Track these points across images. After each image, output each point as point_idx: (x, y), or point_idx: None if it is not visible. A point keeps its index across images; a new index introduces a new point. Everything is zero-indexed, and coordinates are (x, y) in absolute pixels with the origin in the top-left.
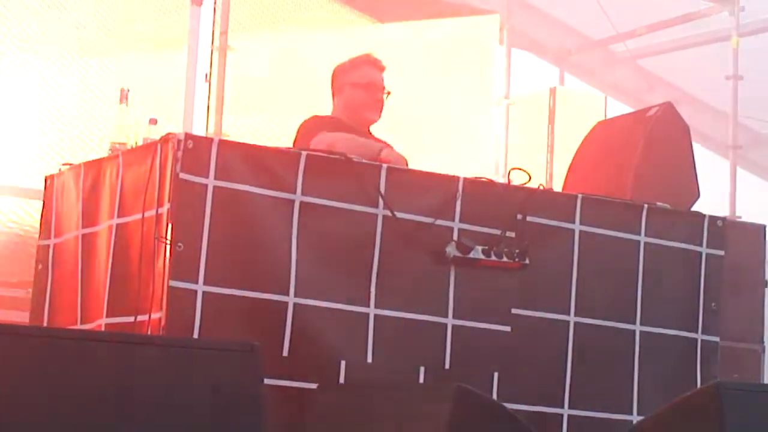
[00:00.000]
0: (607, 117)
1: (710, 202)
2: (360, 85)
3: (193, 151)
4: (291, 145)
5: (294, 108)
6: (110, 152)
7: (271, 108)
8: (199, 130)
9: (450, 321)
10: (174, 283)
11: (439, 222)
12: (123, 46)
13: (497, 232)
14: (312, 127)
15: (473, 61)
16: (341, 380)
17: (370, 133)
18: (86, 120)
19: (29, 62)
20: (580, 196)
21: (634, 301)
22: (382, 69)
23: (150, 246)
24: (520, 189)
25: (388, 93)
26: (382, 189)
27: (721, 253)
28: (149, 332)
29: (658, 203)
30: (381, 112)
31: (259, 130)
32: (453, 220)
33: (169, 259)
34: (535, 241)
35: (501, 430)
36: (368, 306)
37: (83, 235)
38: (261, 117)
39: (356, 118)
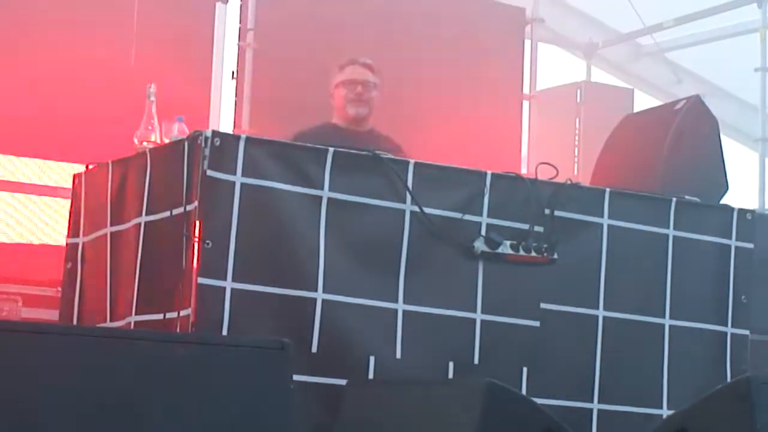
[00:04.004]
0: (635, 111)
1: (739, 195)
2: (342, 84)
3: (220, 148)
4: None
5: (321, 105)
6: (138, 150)
7: (297, 105)
8: (226, 128)
9: (479, 316)
10: (202, 281)
11: (467, 217)
12: (149, 43)
13: (525, 226)
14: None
15: (500, 55)
16: (370, 376)
17: (371, 132)
18: (113, 118)
19: (54, 60)
20: (608, 190)
21: (664, 295)
22: (367, 66)
23: (178, 244)
24: (548, 183)
25: (375, 85)
26: (410, 184)
27: (751, 245)
28: (178, 329)
29: (687, 197)
30: (366, 105)
31: (285, 126)
32: (481, 215)
33: (198, 257)
34: (564, 235)
35: (531, 425)
36: (397, 302)
37: (112, 233)
38: (288, 114)
39: (344, 117)
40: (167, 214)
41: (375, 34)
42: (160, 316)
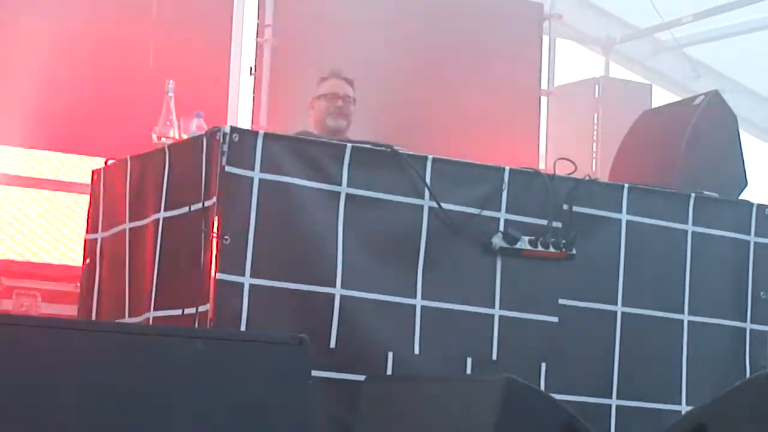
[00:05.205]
0: (654, 106)
1: (758, 190)
2: (322, 97)
3: (238, 144)
4: None
5: None
6: (156, 146)
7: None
8: (244, 124)
9: (497, 312)
10: (221, 276)
11: (485, 213)
12: (167, 39)
13: (544, 222)
14: None
15: (518, 51)
16: (389, 372)
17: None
18: (132, 114)
19: (74, 56)
20: (626, 185)
21: (682, 290)
22: (348, 81)
23: (197, 239)
24: (567, 179)
25: (354, 100)
26: (428, 180)
27: None
28: (197, 325)
29: (706, 192)
30: (344, 118)
31: (303, 122)
32: (499, 210)
33: (216, 253)
34: (582, 231)
35: (550, 421)
36: (415, 297)
37: (130, 229)
38: (305, 110)
39: (322, 128)
40: (186, 209)
41: (392, 31)
42: (178, 312)
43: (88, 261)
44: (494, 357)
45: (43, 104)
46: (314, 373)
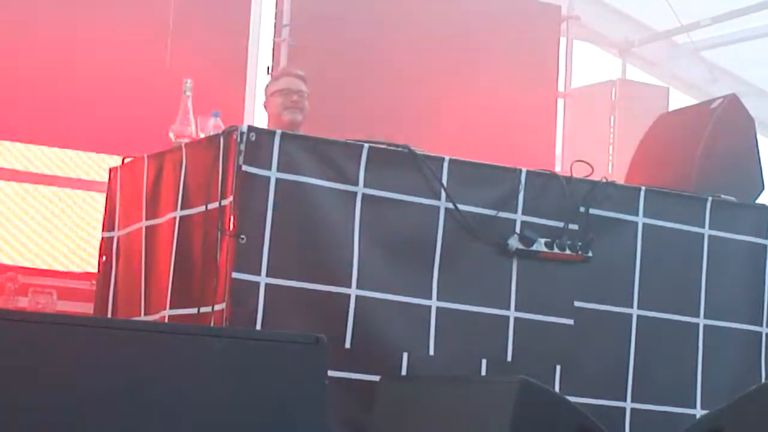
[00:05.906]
0: (671, 109)
1: None
2: (276, 92)
3: (255, 143)
4: None
5: (354, 100)
6: (173, 145)
7: (332, 100)
8: (261, 123)
9: (512, 313)
10: (237, 275)
11: (501, 214)
12: (185, 38)
13: (560, 224)
14: None
15: (535, 52)
16: (403, 372)
17: None
18: (149, 112)
19: (92, 55)
20: (643, 188)
21: (698, 294)
22: (301, 77)
23: (213, 238)
24: (583, 181)
25: (307, 95)
26: (445, 181)
27: None
28: (212, 324)
29: (723, 196)
30: (300, 112)
31: (320, 122)
32: (515, 212)
33: (232, 252)
34: (598, 233)
35: (564, 424)
36: (430, 298)
37: (147, 227)
38: (322, 109)
39: (278, 124)
40: (202, 208)
41: (410, 31)
42: (194, 311)
43: (104, 259)
44: (509, 359)
45: (61, 102)
46: (329, 373)
